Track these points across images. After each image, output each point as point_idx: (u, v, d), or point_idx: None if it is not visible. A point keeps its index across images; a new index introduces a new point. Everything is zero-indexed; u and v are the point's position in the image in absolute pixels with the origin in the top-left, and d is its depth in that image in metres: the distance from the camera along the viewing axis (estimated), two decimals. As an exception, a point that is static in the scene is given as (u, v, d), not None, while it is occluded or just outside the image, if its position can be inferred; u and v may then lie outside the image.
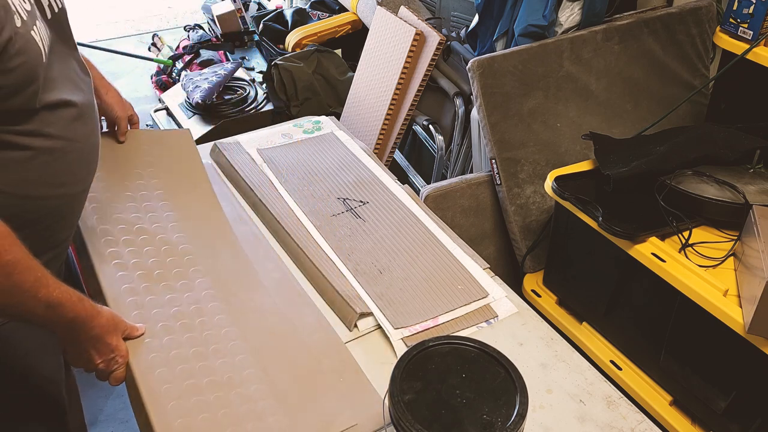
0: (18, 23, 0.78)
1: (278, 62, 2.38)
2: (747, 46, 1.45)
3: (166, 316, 1.08)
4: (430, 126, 2.11)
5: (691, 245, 1.32)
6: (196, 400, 0.97)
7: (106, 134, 1.33)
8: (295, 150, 1.58)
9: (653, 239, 1.32)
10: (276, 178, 1.46)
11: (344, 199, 1.42)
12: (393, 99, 2.12)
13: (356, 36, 2.62)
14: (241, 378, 1.01)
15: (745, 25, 1.45)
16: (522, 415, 0.80)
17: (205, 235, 1.25)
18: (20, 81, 0.82)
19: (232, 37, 2.92)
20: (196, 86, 2.37)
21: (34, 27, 0.83)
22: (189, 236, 1.23)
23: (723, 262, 1.29)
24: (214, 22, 2.96)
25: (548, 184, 1.48)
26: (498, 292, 1.20)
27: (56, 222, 0.98)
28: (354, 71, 2.35)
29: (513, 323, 1.17)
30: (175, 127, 2.38)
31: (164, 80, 2.98)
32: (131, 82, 3.46)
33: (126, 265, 1.15)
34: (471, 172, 2.05)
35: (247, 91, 2.44)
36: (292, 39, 2.64)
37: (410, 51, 2.06)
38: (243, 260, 1.23)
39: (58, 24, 0.93)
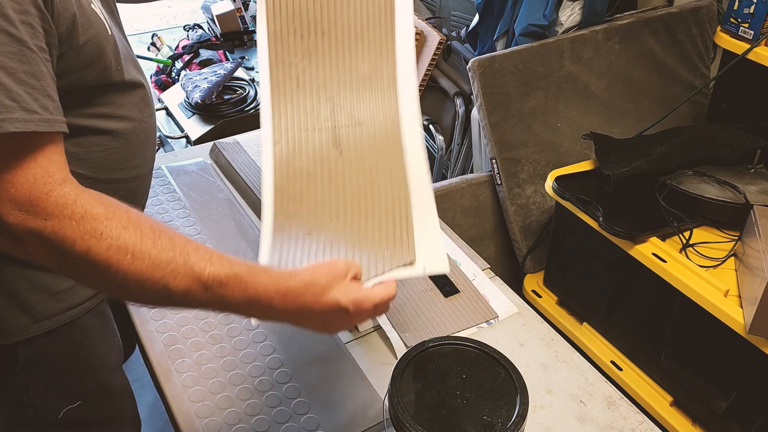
0: None
1: (278, 62, 2.38)
2: (748, 46, 1.45)
3: (195, 331, 1.09)
4: (430, 126, 2.11)
5: (692, 245, 1.32)
6: (229, 411, 0.98)
7: None
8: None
9: (654, 239, 1.32)
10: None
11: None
12: (393, 99, 2.11)
13: (356, 36, 2.61)
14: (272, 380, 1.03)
15: (746, 25, 1.45)
16: (522, 416, 0.79)
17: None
18: (90, 56, 0.78)
19: (231, 36, 2.92)
20: (196, 86, 2.37)
21: (92, 1, 0.80)
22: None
23: (724, 262, 1.29)
24: (214, 22, 2.96)
25: (549, 184, 1.48)
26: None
27: (130, 204, 0.96)
28: (354, 71, 2.35)
29: (513, 324, 1.17)
30: (175, 127, 2.38)
31: (164, 80, 2.98)
32: (131, 82, 3.44)
33: None
34: (471, 172, 2.05)
35: (247, 91, 2.43)
36: (291, 39, 2.63)
37: (410, 51, 2.06)
38: None
39: (106, 1, 0.91)
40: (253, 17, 2.96)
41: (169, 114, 2.47)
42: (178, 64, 2.90)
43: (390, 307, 0.80)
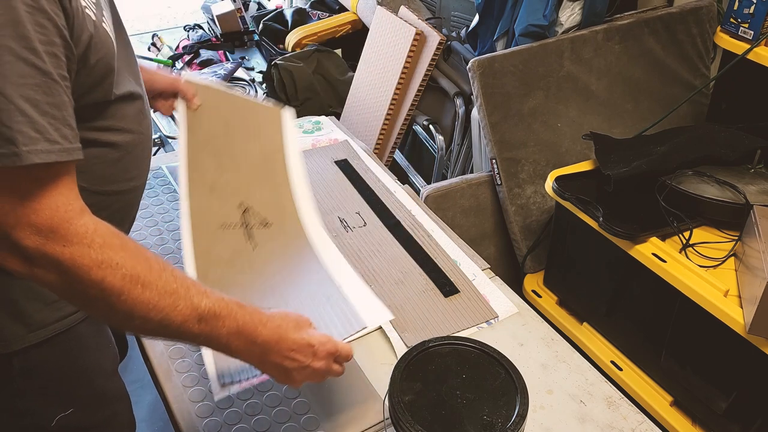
0: (93, 17, 0.76)
1: (278, 62, 2.38)
2: (747, 46, 1.45)
3: None
4: (431, 126, 2.11)
5: (692, 245, 1.32)
6: (229, 411, 0.99)
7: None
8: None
9: (654, 239, 1.32)
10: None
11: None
12: (393, 99, 2.11)
13: (356, 36, 2.62)
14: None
15: (746, 25, 1.45)
16: (522, 416, 0.79)
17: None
18: (100, 75, 0.79)
19: (232, 37, 2.92)
20: (196, 86, 2.37)
21: (103, 18, 0.81)
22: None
23: (724, 262, 1.29)
24: (214, 22, 2.96)
25: (549, 184, 1.48)
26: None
27: (124, 216, 0.97)
28: (354, 71, 2.35)
29: (513, 324, 1.17)
30: (175, 128, 2.38)
31: (164, 80, 2.98)
32: (131, 82, 3.44)
33: None
34: (471, 172, 2.05)
35: (247, 91, 2.43)
36: (292, 39, 2.64)
37: (410, 51, 2.06)
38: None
39: (113, 8, 0.90)
40: (254, 17, 2.97)
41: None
42: (179, 65, 2.90)
43: (345, 369, 0.88)
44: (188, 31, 3.16)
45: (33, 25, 0.64)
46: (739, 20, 1.46)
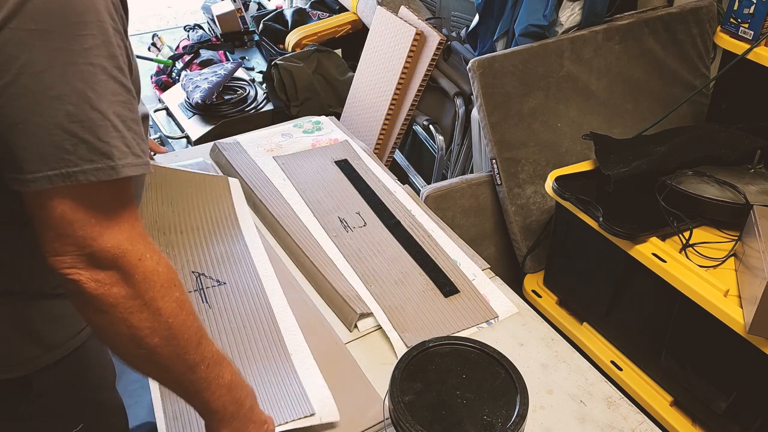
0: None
1: (278, 62, 2.38)
2: (747, 46, 1.45)
3: None
4: (431, 126, 2.11)
5: (692, 245, 1.32)
6: None
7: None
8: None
9: (654, 239, 1.32)
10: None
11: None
12: (393, 99, 2.12)
13: (356, 36, 2.62)
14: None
15: (746, 25, 1.45)
16: (522, 416, 0.79)
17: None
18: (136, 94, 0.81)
19: (232, 37, 2.92)
20: (196, 86, 2.37)
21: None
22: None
23: (723, 262, 1.29)
24: (214, 22, 2.96)
25: (549, 184, 1.48)
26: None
27: None
28: (354, 71, 2.35)
29: (513, 324, 1.17)
30: (176, 128, 2.38)
31: (164, 80, 2.98)
32: (131, 82, 3.44)
33: None
34: (471, 172, 2.05)
35: (247, 91, 2.44)
36: (292, 39, 2.64)
37: (410, 51, 2.06)
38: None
39: None
40: (254, 17, 2.97)
41: (169, 114, 2.47)
42: (179, 65, 2.90)
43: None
44: (188, 31, 3.16)
45: (117, 44, 0.66)
46: (739, 20, 1.46)
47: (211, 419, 0.81)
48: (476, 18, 2.01)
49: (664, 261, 1.27)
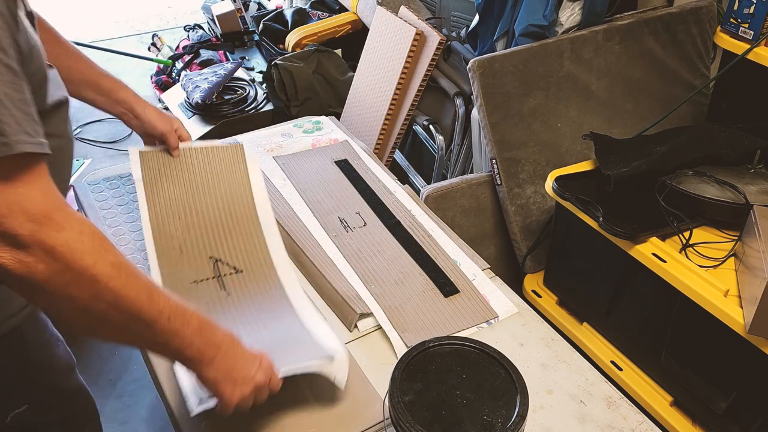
0: (29, 26, 0.77)
1: (278, 62, 2.38)
2: (747, 46, 1.45)
3: None
4: (431, 126, 2.11)
5: (692, 245, 1.32)
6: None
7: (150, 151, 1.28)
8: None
9: (654, 239, 1.32)
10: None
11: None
12: (393, 99, 2.12)
13: (356, 36, 2.62)
14: None
15: (746, 25, 1.45)
16: (522, 416, 0.79)
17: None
18: (37, 84, 0.81)
19: (232, 37, 2.92)
20: (196, 86, 2.37)
21: (35, 26, 0.82)
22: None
23: (724, 262, 1.29)
24: (214, 22, 2.96)
25: (549, 184, 1.48)
26: None
27: None
28: (354, 71, 2.35)
29: (513, 323, 1.17)
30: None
31: (164, 80, 2.98)
32: (131, 82, 3.44)
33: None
34: (471, 172, 2.05)
35: (247, 91, 2.44)
36: (292, 39, 2.64)
37: (410, 51, 2.06)
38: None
39: (31, 14, 0.92)
40: (254, 17, 2.97)
41: (169, 114, 2.47)
42: (179, 65, 2.90)
43: (266, 395, 0.90)
44: (188, 31, 3.17)
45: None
46: (739, 20, 1.46)
47: (193, 366, 0.82)
48: (476, 18, 2.02)
49: (664, 261, 1.27)
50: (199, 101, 2.30)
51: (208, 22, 3.16)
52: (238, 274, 1.17)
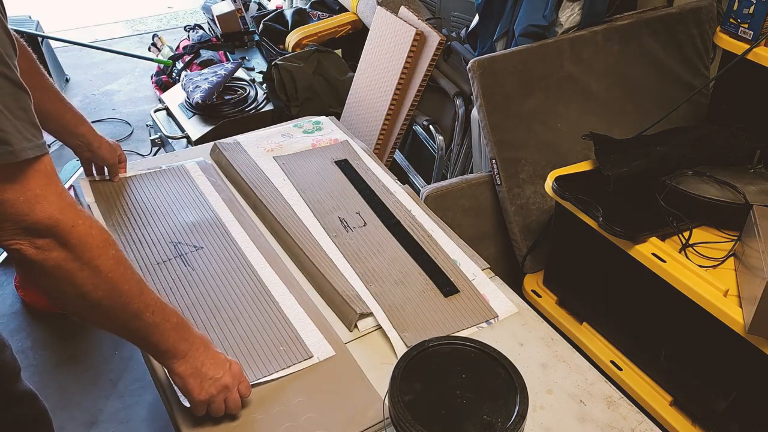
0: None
1: (278, 62, 2.38)
2: (747, 47, 1.45)
3: None
4: (430, 126, 2.11)
5: (692, 245, 1.32)
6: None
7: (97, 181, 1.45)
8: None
9: (653, 239, 1.32)
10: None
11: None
12: (393, 99, 2.12)
13: (356, 36, 2.62)
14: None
15: (746, 26, 1.45)
16: (522, 416, 0.79)
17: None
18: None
19: (232, 37, 2.92)
20: (196, 86, 2.37)
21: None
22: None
23: (723, 262, 1.29)
24: (214, 22, 2.96)
25: (548, 184, 1.48)
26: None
27: None
28: (354, 71, 2.35)
29: (513, 323, 1.17)
30: (176, 128, 2.38)
31: (164, 80, 2.98)
32: (131, 82, 3.46)
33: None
34: (471, 172, 2.05)
35: (247, 91, 2.44)
36: (292, 39, 2.64)
37: (410, 51, 2.06)
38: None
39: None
40: (254, 18, 2.97)
41: (169, 114, 2.47)
42: (179, 65, 2.90)
43: (240, 406, 0.97)
44: (188, 31, 3.17)
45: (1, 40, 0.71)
46: (739, 20, 1.46)
47: (165, 359, 0.90)
48: (476, 18, 2.02)
49: (664, 261, 1.27)
50: (200, 101, 2.30)
51: (208, 22, 3.16)
52: (198, 251, 1.27)
